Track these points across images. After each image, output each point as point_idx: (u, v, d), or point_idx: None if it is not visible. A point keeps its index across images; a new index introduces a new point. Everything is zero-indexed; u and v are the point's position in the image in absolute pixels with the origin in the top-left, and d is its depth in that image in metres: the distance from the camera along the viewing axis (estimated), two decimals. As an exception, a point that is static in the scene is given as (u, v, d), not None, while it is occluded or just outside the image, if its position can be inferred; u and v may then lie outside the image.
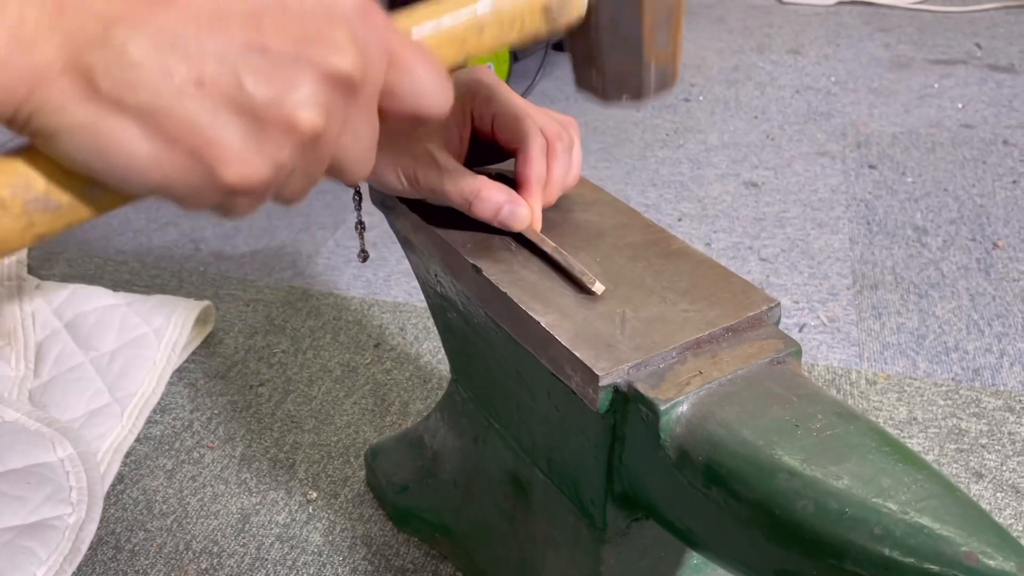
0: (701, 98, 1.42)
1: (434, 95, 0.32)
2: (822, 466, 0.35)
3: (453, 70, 0.37)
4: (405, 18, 0.35)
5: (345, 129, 0.30)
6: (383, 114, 0.32)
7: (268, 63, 0.28)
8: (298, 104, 0.28)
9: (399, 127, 0.40)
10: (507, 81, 1.41)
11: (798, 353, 0.43)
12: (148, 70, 0.26)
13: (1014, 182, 1.14)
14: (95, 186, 0.29)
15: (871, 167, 1.19)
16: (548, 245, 0.48)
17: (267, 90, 0.27)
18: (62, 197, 0.28)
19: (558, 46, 1.61)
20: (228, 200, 0.29)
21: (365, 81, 0.30)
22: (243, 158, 0.28)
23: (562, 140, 0.51)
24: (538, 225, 0.50)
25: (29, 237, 0.28)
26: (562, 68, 1.54)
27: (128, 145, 0.27)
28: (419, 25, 0.35)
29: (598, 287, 0.46)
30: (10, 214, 0.28)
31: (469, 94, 0.50)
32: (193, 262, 1.01)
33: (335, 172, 0.32)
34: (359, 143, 0.31)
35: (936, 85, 1.43)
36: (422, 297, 0.92)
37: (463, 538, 0.61)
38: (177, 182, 0.28)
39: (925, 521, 0.32)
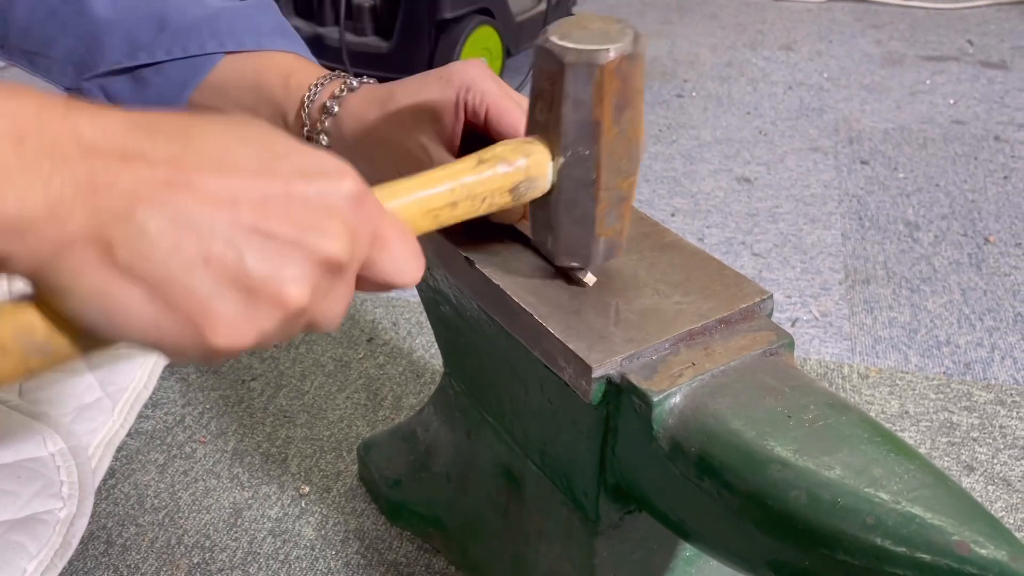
0: (694, 94, 1.42)
1: (406, 272, 0.36)
2: (814, 456, 0.35)
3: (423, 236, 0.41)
4: (390, 187, 0.39)
5: (326, 298, 0.33)
6: (358, 280, 0.35)
7: (270, 244, 0.30)
8: (289, 281, 0.31)
9: (394, 128, 0.43)
10: (500, 76, 1.41)
11: (790, 345, 0.43)
12: (162, 245, 0.29)
13: (1005, 178, 1.14)
14: (88, 337, 0.31)
15: (863, 163, 1.19)
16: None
17: (265, 268, 0.30)
18: (58, 344, 0.31)
19: (551, 42, 1.60)
20: (211, 358, 0.32)
21: (351, 262, 0.33)
22: (233, 327, 0.30)
23: None
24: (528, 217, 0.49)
25: (20, 375, 0.31)
26: (555, 64, 1.53)
27: (132, 308, 0.29)
28: (401, 196, 0.39)
29: (589, 279, 0.46)
30: (10, 359, 0.30)
31: (463, 87, 0.50)
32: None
33: (307, 329, 0.35)
34: (335, 308, 0.34)
35: (928, 81, 1.44)
36: (414, 292, 0.92)
37: (456, 532, 0.61)
38: (170, 341, 0.30)
39: (917, 511, 0.33)
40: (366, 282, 0.35)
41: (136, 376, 0.78)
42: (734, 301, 0.44)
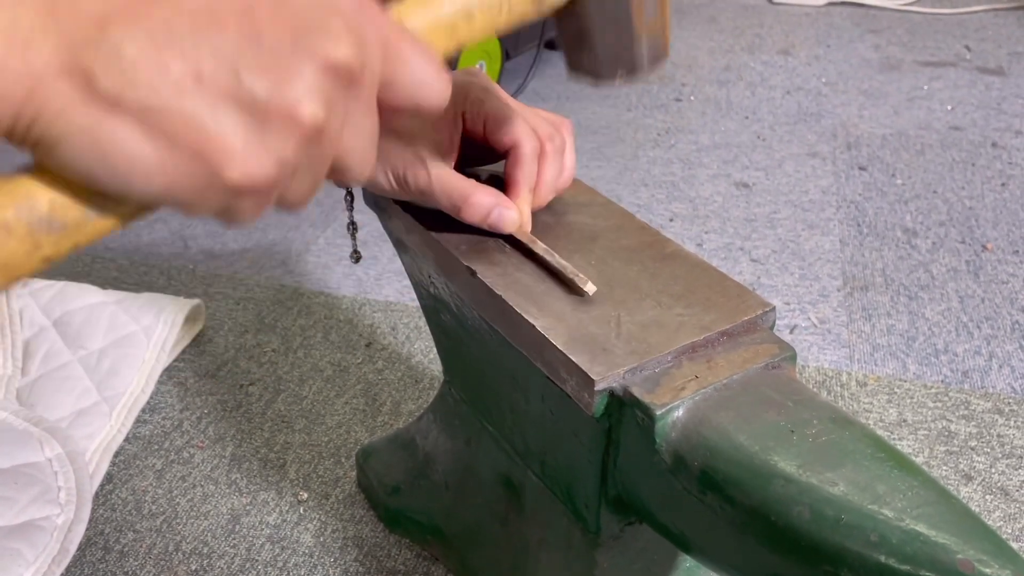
0: (692, 98, 1.42)
1: (432, 85, 0.32)
2: (818, 472, 0.35)
3: (446, 59, 0.36)
4: (396, 7, 0.35)
5: (347, 123, 0.30)
6: (382, 108, 0.32)
7: (265, 55, 0.27)
8: (299, 96, 0.28)
9: (391, 125, 0.39)
10: (499, 79, 1.41)
11: (793, 358, 0.43)
12: (144, 67, 0.26)
13: (1003, 184, 1.15)
14: (99, 203, 0.28)
15: (861, 168, 1.20)
16: (539, 247, 0.48)
17: (266, 83, 0.27)
18: (67, 216, 0.28)
19: (550, 44, 1.61)
20: (233, 202, 0.29)
21: (364, 71, 0.29)
22: (247, 154, 0.27)
23: (553, 142, 0.51)
24: (528, 227, 0.49)
25: (36, 260, 0.28)
26: (554, 66, 1.54)
27: (130, 147, 0.26)
28: (411, 14, 0.35)
29: (590, 287, 0.45)
30: (15, 237, 0.27)
31: (461, 95, 0.50)
32: (182, 259, 1.01)
33: (338, 171, 0.31)
34: (361, 138, 0.31)
35: (926, 87, 1.44)
36: (413, 296, 0.92)
37: (455, 540, 0.61)
38: (182, 184, 0.27)
39: (921, 528, 0.33)
40: (390, 106, 0.32)
41: (134, 380, 0.78)
42: (736, 313, 0.44)
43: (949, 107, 1.37)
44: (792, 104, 1.39)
